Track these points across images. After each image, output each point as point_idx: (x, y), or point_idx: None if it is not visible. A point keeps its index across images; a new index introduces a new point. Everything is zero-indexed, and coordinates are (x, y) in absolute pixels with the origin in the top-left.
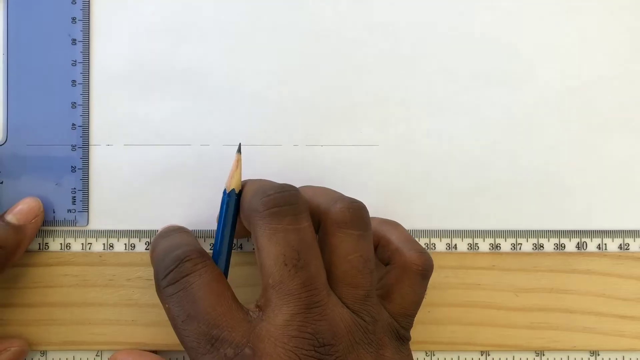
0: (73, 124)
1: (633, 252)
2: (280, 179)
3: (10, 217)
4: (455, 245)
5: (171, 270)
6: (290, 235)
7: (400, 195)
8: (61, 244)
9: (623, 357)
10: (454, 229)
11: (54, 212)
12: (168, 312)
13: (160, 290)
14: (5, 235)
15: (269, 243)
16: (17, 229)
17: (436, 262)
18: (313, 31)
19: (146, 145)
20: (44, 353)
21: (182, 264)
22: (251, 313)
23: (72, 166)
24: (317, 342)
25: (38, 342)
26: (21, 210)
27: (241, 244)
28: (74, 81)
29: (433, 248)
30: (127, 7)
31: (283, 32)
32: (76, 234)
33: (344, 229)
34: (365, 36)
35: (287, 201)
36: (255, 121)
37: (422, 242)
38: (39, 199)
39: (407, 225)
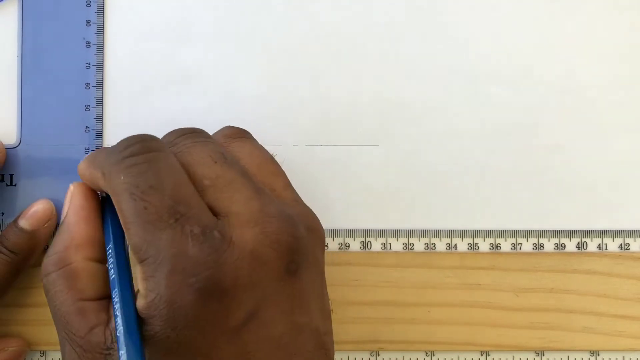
0: (87, 127)
1: (633, 252)
2: None
3: (23, 223)
4: (456, 245)
5: (136, 142)
6: (208, 145)
7: (400, 195)
8: None
9: (623, 357)
10: (454, 229)
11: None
12: (119, 184)
13: (113, 164)
14: (19, 240)
15: (191, 156)
16: (30, 234)
17: (436, 262)
18: (313, 31)
19: None
20: (43, 353)
21: (149, 141)
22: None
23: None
24: (285, 217)
25: (38, 342)
26: (33, 214)
27: None
28: (87, 84)
29: (433, 248)
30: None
31: (283, 32)
32: None
33: (239, 137)
34: (365, 36)
35: (194, 130)
36: (255, 121)
37: (422, 242)
38: (51, 202)
39: (407, 225)
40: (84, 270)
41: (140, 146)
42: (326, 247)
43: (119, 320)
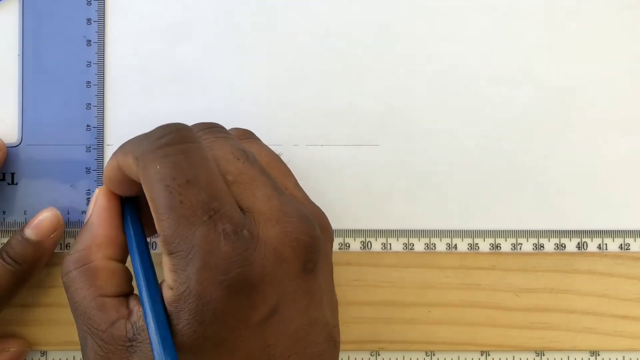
0: (88, 125)
1: (633, 252)
2: None
3: (29, 233)
4: (456, 245)
5: (172, 132)
6: (230, 140)
7: (400, 195)
8: (69, 244)
9: (623, 357)
10: (454, 229)
11: (68, 213)
12: (155, 174)
13: (148, 152)
14: (24, 251)
15: (213, 151)
16: (35, 244)
17: (436, 262)
18: (313, 31)
19: None
20: (44, 353)
21: (184, 131)
22: None
23: (86, 167)
24: (303, 217)
25: (38, 342)
26: (39, 224)
27: None
28: (88, 82)
29: (433, 248)
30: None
31: (284, 32)
32: None
33: (246, 138)
34: (366, 36)
35: (214, 124)
36: (256, 121)
37: (422, 242)
38: (58, 211)
39: (408, 225)
40: (104, 269)
41: (176, 135)
42: None
43: (149, 316)
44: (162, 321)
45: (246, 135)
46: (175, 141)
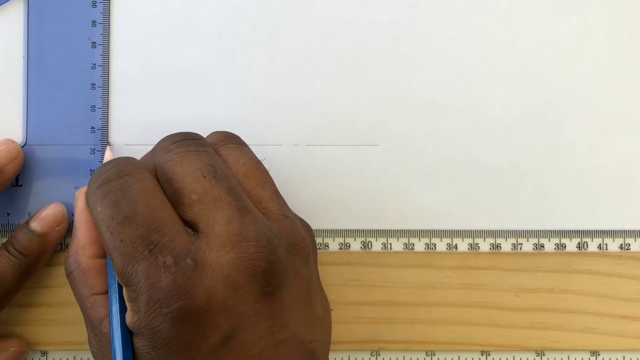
0: (92, 127)
1: (634, 252)
2: (280, 179)
3: (34, 225)
4: (456, 245)
5: (108, 170)
6: (200, 155)
7: (400, 195)
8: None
9: (624, 357)
10: (454, 229)
11: (72, 215)
12: (98, 215)
13: (91, 194)
14: (29, 243)
15: (182, 167)
16: (40, 236)
17: (436, 262)
18: (313, 31)
19: None
20: (44, 353)
21: (120, 165)
22: (188, 230)
23: (90, 169)
24: (262, 242)
25: (38, 342)
26: (45, 217)
27: None
28: (93, 84)
29: (433, 248)
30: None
31: (283, 32)
32: None
33: (225, 145)
34: (365, 36)
35: (189, 135)
36: (256, 121)
37: (423, 242)
38: (63, 206)
39: (408, 225)
40: (91, 268)
41: (114, 172)
42: (326, 247)
43: (114, 335)
44: (125, 335)
45: (227, 140)
46: (113, 177)
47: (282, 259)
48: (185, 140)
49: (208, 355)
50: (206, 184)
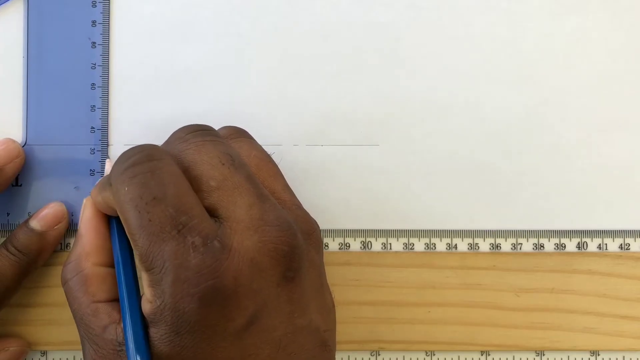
0: (92, 127)
1: (634, 252)
2: None
3: (34, 223)
4: (456, 245)
5: (137, 153)
6: (218, 145)
7: (400, 195)
8: (70, 244)
9: (623, 357)
10: (454, 229)
11: (72, 215)
12: (124, 195)
13: (117, 175)
14: (28, 241)
15: (200, 155)
16: (40, 235)
17: (436, 262)
18: (313, 31)
19: None
20: (44, 353)
21: (150, 149)
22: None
23: (90, 169)
24: (284, 226)
25: (38, 342)
26: (45, 216)
27: None
28: (93, 84)
29: (433, 248)
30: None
31: (283, 32)
32: None
33: (236, 138)
34: (366, 36)
35: (203, 127)
36: (256, 121)
37: (422, 242)
38: (63, 205)
39: (407, 225)
40: (95, 276)
41: (141, 155)
42: (326, 247)
43: (128, 328)
44: (138, 332)
45: (237, 134)
46: (141, 161)
47: (301, 244)
48: (201, 131)
49: (232, 338)
50: (225, 170)
